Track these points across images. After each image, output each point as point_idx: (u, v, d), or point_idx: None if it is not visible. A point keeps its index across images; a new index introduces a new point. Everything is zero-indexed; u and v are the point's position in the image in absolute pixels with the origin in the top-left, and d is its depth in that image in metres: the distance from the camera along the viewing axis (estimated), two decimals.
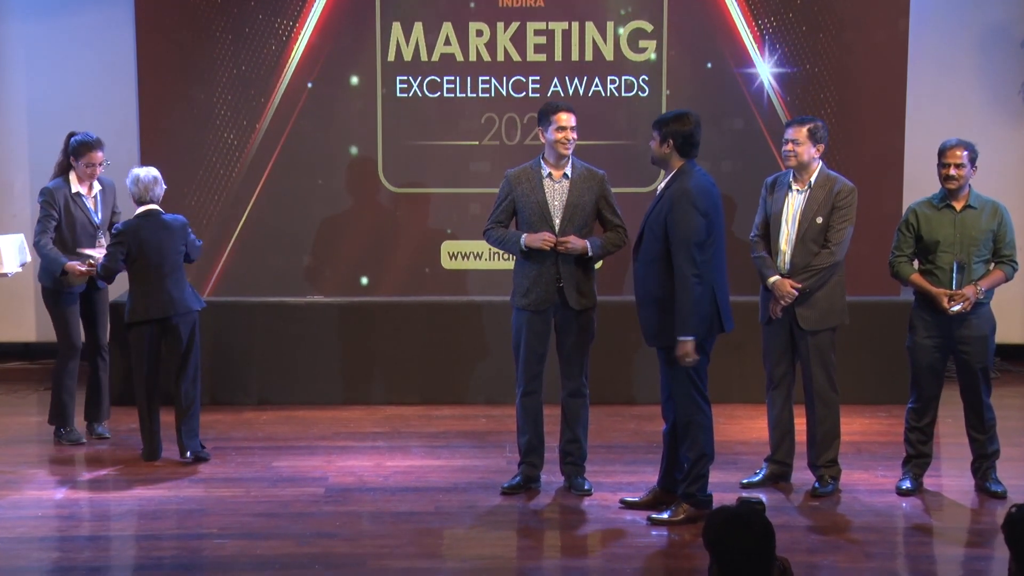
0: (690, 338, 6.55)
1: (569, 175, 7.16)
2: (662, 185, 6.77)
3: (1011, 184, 9.89)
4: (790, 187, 7.17)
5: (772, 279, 7.16)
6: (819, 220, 7.06)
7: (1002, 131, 9.92)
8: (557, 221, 7.12)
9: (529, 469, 7.27)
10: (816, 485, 7.27)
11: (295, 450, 8.13)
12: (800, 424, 7.34)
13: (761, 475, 7.37)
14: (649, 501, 7.03)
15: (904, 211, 7.48)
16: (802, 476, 7.37)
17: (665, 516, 6.86)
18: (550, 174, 7.15)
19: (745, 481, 7.32)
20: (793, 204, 7.14)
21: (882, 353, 8.59)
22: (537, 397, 7.23)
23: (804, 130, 7.10)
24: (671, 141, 6.66)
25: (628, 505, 7.03)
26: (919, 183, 8.88)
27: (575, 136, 7.15)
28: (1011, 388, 9.39)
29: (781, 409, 7.29)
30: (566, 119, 7.08)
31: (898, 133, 9.09)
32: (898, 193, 9.00)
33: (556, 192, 7.14)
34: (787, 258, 7.14)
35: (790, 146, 7.12)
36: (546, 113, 7.12)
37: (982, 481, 7.32)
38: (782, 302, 7.12)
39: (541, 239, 7.06)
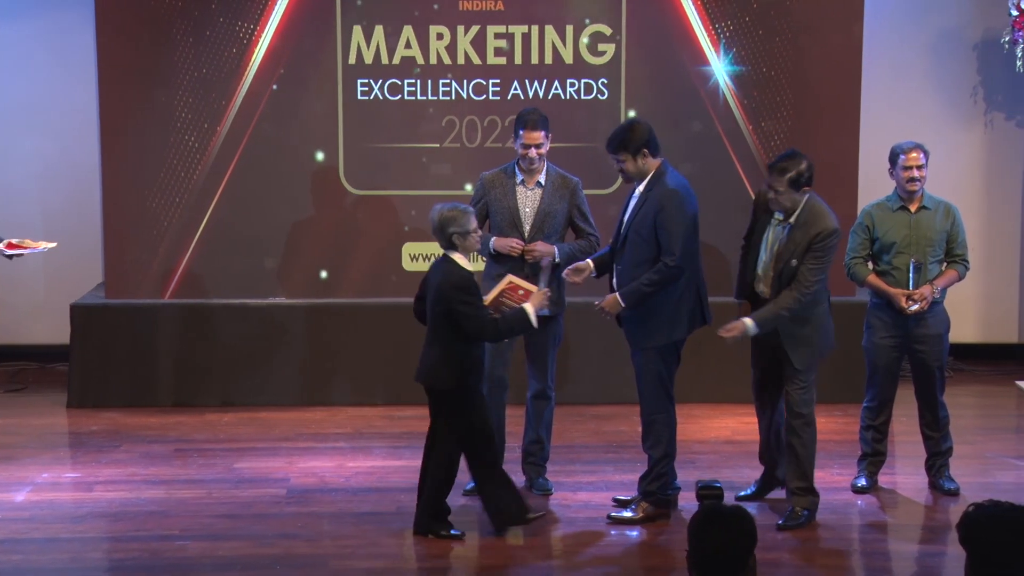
0: (623, 305, 6.63)
1: (543, 182, 7.15)
2: (641, 188, 6.76)
3: (964, 186, 9.94)
4: (773, 215, 6.79)
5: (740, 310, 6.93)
6: (793, 263, 6.66)
7: (955, 134, 9.98)
8: (527, 228, 7.11)
9: (533, 468, 7.28)
10: (786, 515, 6.86)
11: (257, 451, 8.09)
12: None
13: (753, 489, 7.15)
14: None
15: (859, 213, 7.50)
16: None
17: (627, 515, 6.85)
18: (523, 181, 7.14)
19: (740, 494, 7.07)
20: (772, 235, 6.77)
21: (837, 353, 8.55)
22: (501, 398, 7.21)
23: (784, 180, 6.61)
24: (644, 151, 6.68)
25: (615, 521, 6.95)
26: (873, 186, 8.93)
27: (543, 152, 7.13)
28: (964, 387, 9.46)
29: (770, 422, 7.07)
30: (531, 137, 7.06)
31: (852, 136, 9.11)
32: (853, 196, 9.03)
33: (528, 199, 7.13)
34: (761, 286, 6.82)
35: (771, 195, 6.69)
36: (517, 124, 7.13)
37: (936, 479, 7.36)
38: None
39: (509, 244, 7.05)
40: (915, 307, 7.07)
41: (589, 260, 6.93)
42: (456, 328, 6.49)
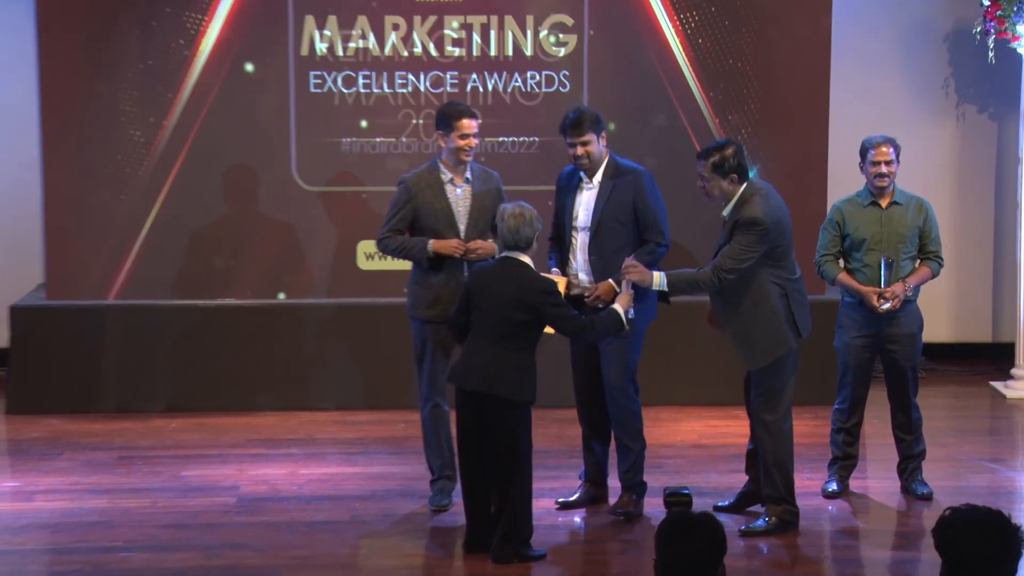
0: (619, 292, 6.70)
1: (470, 178, 7.11)
2: (599, 177, 6.89)
3: (935, 181, 9.97)
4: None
5: None
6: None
7: (927, 127, 10.00)
8: (463, 227, 7.05)
9: (446, 483, 7.21)
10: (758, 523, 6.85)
11: (205, 458, 8.03)
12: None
13: (734, 499, 7.07)
14: (585, 499, 7.18)
15: (828, 209, 7.49)
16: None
17: (630, 512, 6.97)
18: (452, 179, 7.07)
19: (719, 504, 7.01)
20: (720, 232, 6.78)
21: (807, 354, 8.52)
22: (444, 409, 7.17)
23: (708, 164, 6.58)
24: (605, 133, 6.94)
25: (564, 506, 7.09)
26: (843, 181, 8.93)
27: (477, 142, 7.11)
28: (936, 388, 9.50)
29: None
30: (470, 126, 6.99)
31: (822, 130, 9.12)
32: (822, 191, 9.04)
33: (459, 198, 7.07)
34: None
35: (699, 182, 6.66)
36: (449, 118, 7.00)
37: (908, 482, 7.36)
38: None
39: (452, 246, 6.98)
40: (887, 305, 7.06)
41: (556, 269, 6.99)
42: (533, 335, 6.42)
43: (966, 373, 9.95)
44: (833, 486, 7.33)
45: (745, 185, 6.63)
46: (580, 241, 6.96)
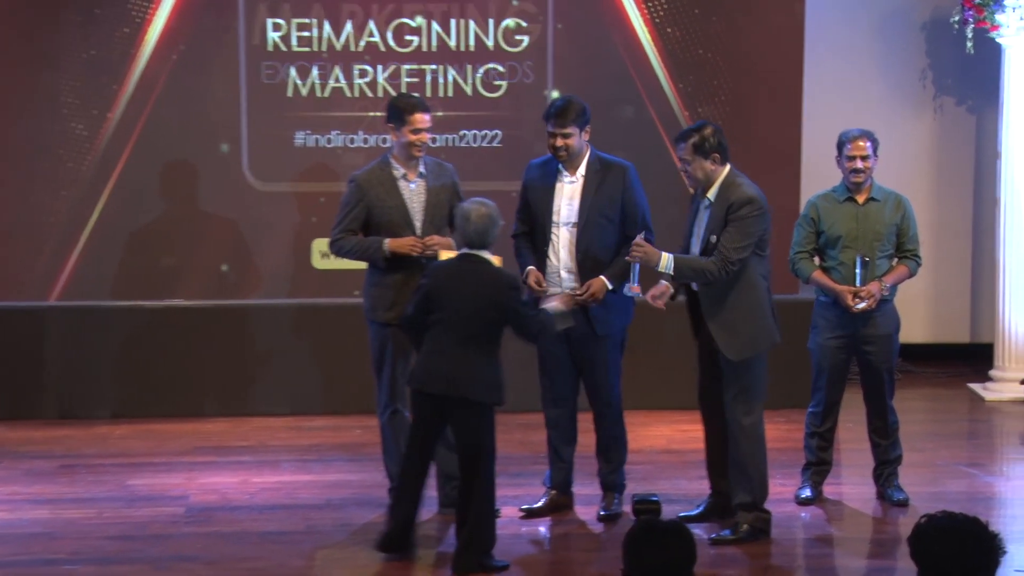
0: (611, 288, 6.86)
1: (424, 172, 7.09)
2: (582, 170, 6.91)
3: (913, 175, 10.02)
4: (700, 200, 6.78)
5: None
6: (713, 239, 6.61)
7: (903, 120, 10.06)
8: (418, 224, 7.03)
9: None
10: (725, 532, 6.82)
11: (152, 467, 8.00)
12: None
13: (701, 509, 7.03)
14: (550, 507, 7.18)
15: (803, 205, 7.50)
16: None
17: (608, 511, 7.08)
18: (405, 175, 7.04)
19: (684, 515, 6.96)
20: (700, 220, 6.74)
21: (780, 355, 8.56)
22: (404, 414, 7.12)
23: (689, 146, 6.61)
24: (588, 128, 6.94)
25: (529, 514, 7.08)
26: (817, 175, 8.98)
27: (430, 137, 7.09)
28: (913, 390, 9.55)
29: (721, 439, 6.89)
30: (422, 120, 6.95)
31: (795, 122, 9.16)
32: (796, 186, 9.07)
33: (414, 194, 7.04)
34: None
35: (681, 165, 6.73)
36: (401, 112, 6.95)
37: (884, 488, 7.38)
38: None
39: (410, 244, 6.94)
40: (862, 305, 7.07)
41: (533, 267, 6.99)
42: (498, 335, 6.42)
43: (943, 375, 10.02)
44: (807, 492, 7.34)
45: (728, 167, 6.68)
46: (563, 238, 6.95)
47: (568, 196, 6.94)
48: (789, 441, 8.12)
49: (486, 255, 6.43)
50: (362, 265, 7.24)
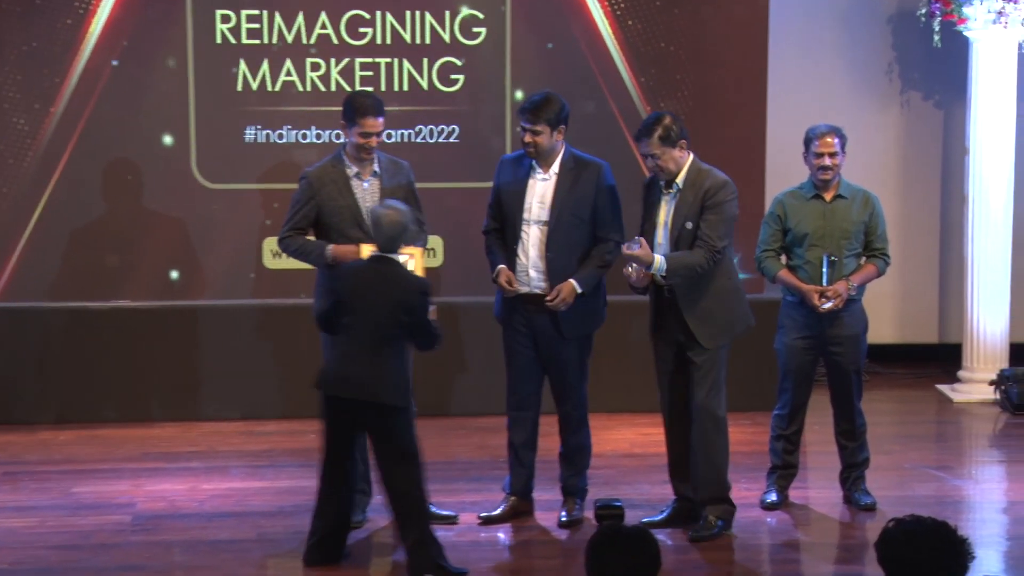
0: (580, 292, 6.91)
1: (377, 171, 7.07)
2: (556, 168, 6.93)
3: (880, 171, 10.08)
4: (661, 190, 6.86)
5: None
6: (688, 225, 6.73)
7: (869, 115, 10.11)
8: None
9: (360, 497, 7.17)
10: (698, 525, 6.93)
11: (98, 473, 7.97)
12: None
13: (665, 514, 7.07)
14: (508, 513, 7.19)
15: (769, 202, 7.53)
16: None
17: (577, 516, 7.10)
18: (358, 173, 7.03)
19: (648, 520, 6.99)
20: (664, 210, 6.84)
21: (744, 356, 8.65)
22: None
23: (655, 140, 6.70)
24: (562, 127, 6.93)
25: (487, 521, 7.14)
26: (781, 171, 9.04)
27: (379, 140, 7.04)
28: (880, 392, 9.61)
29: (682, 440, 6.98)
30: (373, 125, 6.93)
31: (759, 117, 9.22)
32: (760, 182, 9.12)
33: (367, 193, 7.02)
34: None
35: (650, 162, 6.77)
36: (353, 111, 6.93)
37: (851, 492, 7.41)
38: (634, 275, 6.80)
39: (353, 252, 6.89)
40: (828, 304, 7.10)
41: (502, 267, 6.99)
42: (406, 338, 6.46)
43: (911, 376, 10.08)
44: (772, 497, 7.38)
45: (691, 156, 6.81)
46: (533, 236, 6.97)
47: (540, 194, 6.95)
48: (754, 444, 8.15)
49: (399, 257, 6.46)
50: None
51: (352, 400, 6.38)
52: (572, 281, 6.88)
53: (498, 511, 7.19)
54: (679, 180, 6.78)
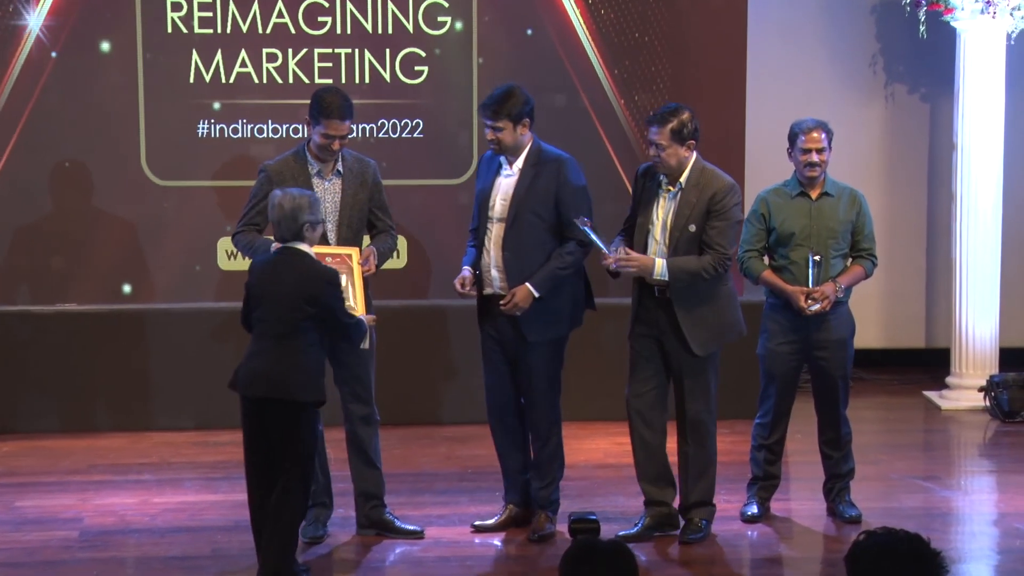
0: (537, 296, 6.89)
1: (340, 170, 7.08)
2: (520, 163, 6.95)
3: (863, 168, 10.11)
4: (660, 185, 6.90)
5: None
6: (692, 228, 6.79)
7: (852, 108, 10.16)
8: (331, 226, 7.01)
9: (321, 511, 7.18)
10: (683, 528, 7.08)
11: (43, 487, 7.95)
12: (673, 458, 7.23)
13: (640, 525, 7.10)
14: (505, 522, 7.21)
15: (753, 201, 7.55)
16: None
17: (540, 533, 7.08)
18: (319, 171, 7.03)
19: (624, 533, 7.02)
20: (663, 207, 6.89)
21: (725, 362, 8.65)
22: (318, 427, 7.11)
23: (667, 131, 6.77)
24: (527, 120, 6.92)
25: (479, 529, 7.16)
26: (761, 167, 9.10)
27: (340, 145, 7.01)
28: (865, 399, 9.62)
29: (653, 442, 7.07)
30: (338, 128, 6.93)
31: (738, 111, 9.26)
32: (740, 178, 9.05)
33: (327, 193, 7.02)
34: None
35: (653, 151, 6.83)
36: (319, 111, 6.92)
37: (835, 504, 7.43)
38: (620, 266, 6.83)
39: None
40: (815, 307, 7.11)
41: (468, 267, 7.03)
42: (319, 331, 6.45)
43: (897, 382, 10.15)
44: (753, 509, 7.40)
45: (695, 154, 6.86)
46: (495, 234, 7.01)
47: (503, 191, 6.99)
48: (734, 454, 8.16)
49: (303, 247, 6.43)
50: None
51: (262, 399, 6.38)
52: (527, 284, 6.89)
53: (493, 520, 7.22)
54: (682, 179, 6.84)
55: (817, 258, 7.15)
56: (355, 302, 6.75)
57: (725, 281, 6.93)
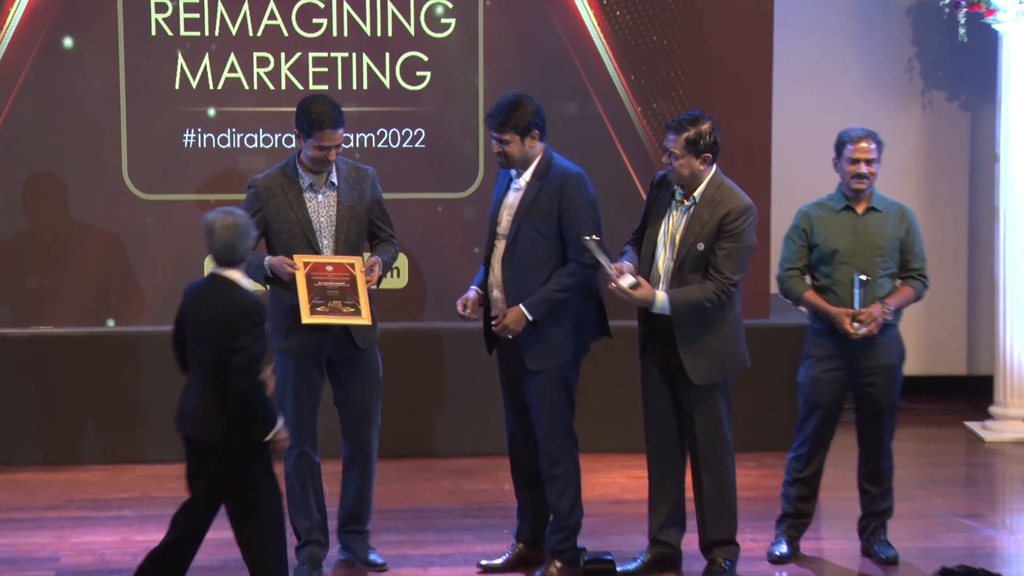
0: (531, 319, 6.83)
1: (335, 181, 7.06)
2: (527, 177, 6.93)
3: (899, 181, 10.00)
4: (675, 196, 6.92)
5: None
6: (700, 247, 6.80)
7: (887, 117, 10.02)
8: (326, 242, 7.01)
9: (316, 550, 7.15)
10: (705, 570, 7.08)
11: (16, 523, 7.94)
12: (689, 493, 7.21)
13: (640, 561, 7.13)
14: (513, 562, 7.15)
15: (776, 215, 7.51)
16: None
17: None
18: (312, 184, 7.03)
19: (622, 569, 7.04)
20: (674, 220, 6.91)
21: (750, 389, 8.63)
22: (313, 459, 7.15)
23: (682, 140, 6.79)
24: (535, 131, 6.88)
25: (487, 570, 7.12)
26: (788, 179, 9.10)
27: (337, 154, 7.02)
28: (903, 429, 9.29)
29: (667, 477, 7.09)
30: (332, 138, 6.92)
31: (763, 120, 9.22)
32: (766, 191, 9.05)
33: (321, 207, 7.03)
34: (662, 286, 6.87)
35: (666, 158, 6.87)
36: (308, 123, 6.92)
37: (870, 543, 7.39)
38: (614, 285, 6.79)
39: (286, 263, 6.89)
40: (862, 330, 7.06)
41: (475, 288, 7.03)
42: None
43: (937, 412, 10.09)
44: (782, 548, 7.36)
45: (715, 168, 6.84)
46: (498, 251, 7.01)
47: (510, 205, 6.98)
48: (760, 489, 8.14)
49: (234, 274, 6.36)
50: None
51: (192, 440, 6.36)
52: (520, 306, 6.85)
53: (501, 559, 7.19)
54: (697, 193, 6.82)
55: (864, 277, 7.10)
56: (363, 313, 6.83)
57: (731, 307, 6.91)
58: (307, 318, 6.88)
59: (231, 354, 6.21)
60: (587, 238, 6.76)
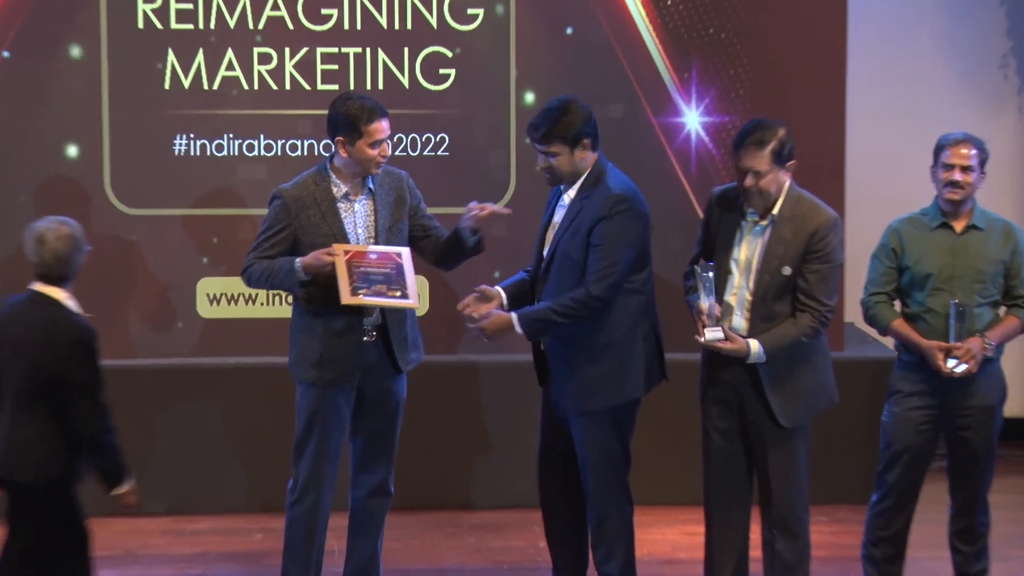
0: (520, 332, 6.81)
1: (371, 187, 7.09)
2: (572, 193, 6.86)
3: (993, 192, 9.85)
4: (745, 216, 6.81)
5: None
6: (786, 271, 6.70)
7: (979, 120, 9.96)
8: None
9: None
10: None
11: None
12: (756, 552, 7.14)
13: None
14: None
15: (851, 231, 7.37)
16: None
17: None
18: (347, 194, 7.04)
19: None
20: (748, 244, 6.79)
21: (822, 431, 8.50)
22: (326, 509, 7.12)
23: (766, 154, 6.64)
24: (585, 141, 6.78)
25: None
26: (864, 191, 9.12)
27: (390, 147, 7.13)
28: (999, 479, 9.37)
29: (729, 534, 7.00)
30: (383, 129, 6.94)
31: (837, 124, 9.18)
32: (839, 206, 8.98)
33: (358, 217, 7.06)
34: (736, 317, 6.80)
35: (750, 180, 6.66)
36: (355, 120, 6.88)
37: None
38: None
39: (326, 252, 6.81)
40: (961, 368, 6.95)
41: (499, 287, 6.98)
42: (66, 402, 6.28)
43: None
44: None
45: (791, 179, 6.78)
46: (539, 274, 7.01)
47: (555, 224, 6.94)
48: (834, 548, 8.12)
49: (58, 293, 6.31)
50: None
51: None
52: (512, 313, 6.83)
53: None
54: (775, 211, 6.72)
55: (961, 307, 6.98)
56: (410, 297, 6.86)
57: (821, 336, 6.90)
58: (347, 299, 6.83)
59: (65, 391, 6.16)
60: (699, 268, 6.65)
